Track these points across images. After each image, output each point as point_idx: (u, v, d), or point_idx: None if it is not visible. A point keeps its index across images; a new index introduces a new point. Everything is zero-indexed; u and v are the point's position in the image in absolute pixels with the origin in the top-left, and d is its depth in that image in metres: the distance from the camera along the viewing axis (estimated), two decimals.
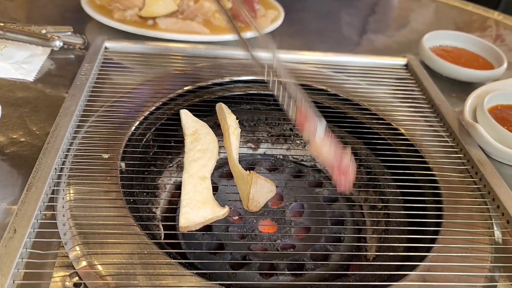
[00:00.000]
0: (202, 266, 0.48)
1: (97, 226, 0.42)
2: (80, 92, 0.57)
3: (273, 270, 0.50)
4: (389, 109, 0.63)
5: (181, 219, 0.43)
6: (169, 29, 0.75)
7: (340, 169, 0.43)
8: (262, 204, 0.46)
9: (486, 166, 0.54)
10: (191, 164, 0.49)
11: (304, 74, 0.68)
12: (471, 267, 0.43)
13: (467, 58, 0.78)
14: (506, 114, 0.64)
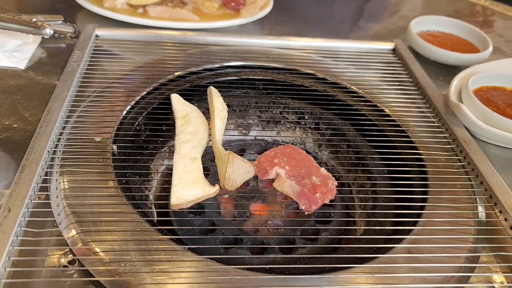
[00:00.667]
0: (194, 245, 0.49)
1: (90, 206, 0.43)
2: (71, 78, 0.58)
3: (264, 249, 0.51)
4: (376, 91, 0.64)
5: (172, 197, 0.44)
6: (159, 16, 0.75)
7: (308, 197, 0.46)
8: (239, 184, 0.46)
9: (470, 145, 0.55)
10: (181, 146, 0.49)
11: (293, 59, 0.69)
12: (455, 240, 0.45)
13: (453, 43, 0.79)
14: (491, 96, 0.65)
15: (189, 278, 0.38)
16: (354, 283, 0.39)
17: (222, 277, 0.38)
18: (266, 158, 0.49)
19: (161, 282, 0.37)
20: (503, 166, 0.58)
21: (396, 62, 0.72)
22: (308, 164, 0.50)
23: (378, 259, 0.42)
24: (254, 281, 0.38)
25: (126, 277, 0.37)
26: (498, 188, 0.49)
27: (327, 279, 0.39)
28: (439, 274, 0.41)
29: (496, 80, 0.66)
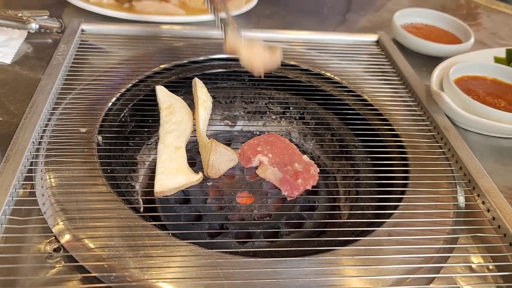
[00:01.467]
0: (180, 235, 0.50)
1: (75, 195, 0.44)
2: (56, 71, 0.58)
3: (250, 238, 0.51)
4: (360, 82, 0.65)
5: (156, 185, 0.45)
6: (145, 11, 0.76)
7: (290, 183, 0.47)
8: (222, 172, 0.47)
9: (450, 132, 0.56)
10: (166, 135, 0.50)
11: None
12: (434, 223, 0.46)
13: (436, 34, 0.81)
14: (471, 85, 0.66)
15: (173, 262, 0.39)
16: (335, 264, 0.40)
17: (205, 260, 0.39)
18: (249, 146, 0.50)
19: (144, 266, 0.38)
20: (483, 152, 0.59)
21: (379, 53, 0.73)
22: (290, 151, 0.51)
23: (359, 241, 0.43)
24: (236, 263, 0.39)
25: (110, 262, 0.38)
26: (477, 172, 0.50)
27: (308, 261, 0.40)
28: (419, 255, 0.42)
29: (477, 70, 0.68)
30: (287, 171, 0.48)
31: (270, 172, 0.48)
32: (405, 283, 0.40)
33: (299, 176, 0.47)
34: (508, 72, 0.68)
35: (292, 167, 0.48)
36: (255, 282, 0.38)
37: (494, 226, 0.46)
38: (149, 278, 0.37)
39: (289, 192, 0.48)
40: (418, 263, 0.42)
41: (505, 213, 0.45)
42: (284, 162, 0.49)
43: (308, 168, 0.48)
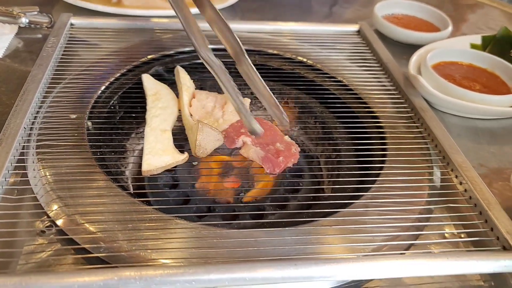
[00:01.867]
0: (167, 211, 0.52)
1: (66, 175, 0.46)
2: (46, 62, 0.60)
3: (236, 218, 0.53)
4: (341, 69, 0.68)
5: (143, 164, 0.47)
6: (134, 5, 0.78)
7: (272, 161, 0.49)
8: (209, 151, 0.49)
9: (427, 112, 0.59)
10: (152, 119, 0.52)
11: (261, 42, 0.72)
12: (410, 195, 0.48)
13: (416, 24, 0.83)
14: (449, 70, 0.69)
15: (159, 234, 0.41)
16: (314, 234, 0.42)
17: (190, 232, 0.41)
18: (233, 128, 0.52)
19: (132, 238, 0.40)
20: (459, 133, 0.62)
21: (360, 42, 0.76)
22: (273, 132, 0.53)
23: (338, 213, 0.45)
24: (220, 234, 0.41)
25: (100, 235, 0.40)
26: (450, 149, 0.53)
27: (288, 231, 0.42)
28: (396, 224, 0.44)
29: (453, 55, 0.70)
30: (269, 150, 0.50)
31: (253, 151, 0.51)
32: (382, 250, 0.42)
33: (280, 154, 0.49)
34: (483, 57, 0.70)
35: (274, 146, 0.50)
36: (238, 250, 0.40)
37: (466, 197, 0.48)
38: (137, 248, 0.39)
39: (271, 169, 0.50)
40: (395, 233, 0.44)
41: (476, 185, 0.48)
42: (267, 142, 0.51)
43: (289, 147, 0.51)
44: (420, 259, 0.39)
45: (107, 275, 0.35)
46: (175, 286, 0.36)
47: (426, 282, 0.42)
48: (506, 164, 0.57)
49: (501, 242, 0.42)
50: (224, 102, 0.55)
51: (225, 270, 0.36)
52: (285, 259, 0.38)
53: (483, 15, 1.03)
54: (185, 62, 0.69)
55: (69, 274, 0.35)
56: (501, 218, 0.44)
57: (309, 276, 0.37)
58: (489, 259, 0.40)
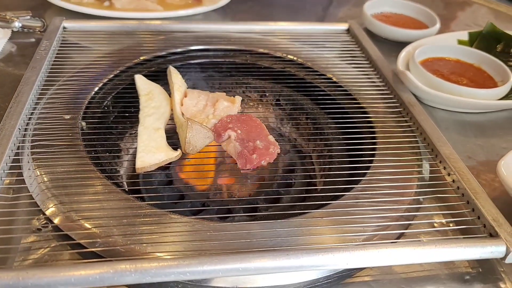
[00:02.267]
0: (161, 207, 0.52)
1: (61, 174, 0.46)
2: (40, 65, 0.61)
3: (230, 214, 0.54)
4: (331, 66, 0.69)
5: (137, 161, 0.48)
6: (125, 8, 0.79)
7: (246, 157, 0.50)
8: (199, 148, 0.50)
9: (415, 107, 0.60)
10: (145, 119, 0.53)
11: (252, 41, 0.73)
12: (401, 187, 0.49)
13: (404, 22, 0.85)
14: (437, 66, 0.70)
15: (154, 229, 0.41)
16: (306, 226, 0.43)
17: (184, 226, 0.42)
18: (221, 123, 0.53)
19: (127, 233, 0.41)
20: (447, 127, 0.63)
21: (350, 40, 0.77)
22: (258, 130, 0.53)
23: (329, 205, 0.46)
24: (213, 227, 0.42)
25: (96, 230, 0.41)
26: (438, 141, 0.54)
27: (280, 223, 0.43)
28: (385, 214, 0.45)
29: (440, 51, 0.72)
30: (247, 147, 0.51)
31: (232, 146, 0.51)
32: (373, 240, 0.43)
33: (256, 152, 0.50)
34: (470, 52, 0.72)
35: (253, 144, 0.51)
36: (231, 242, 0.41)
37: (453, 187, 0.49)
38: (132, 243, 0.40)
39: (242, 165, 0.51)
40: (386, 223, 0.45)
41: (463, 175, 0.49)
42: (249, 138, 0.52)
43: (268, 147, 0.51)
44: (409, 247, 0.40)
45: (103, 268, 0.36)
46: (169, 278, 0.36)
47: (415, 270, 0.43)
48: (493, 156, 0.58)
49: (487, 230, 0.43)
50: (215, 100, 0.55)
51: (218, 262, 0.37)
52: (277, 250, 0.39)
53: (471, 13, 1.05)
54: (178, 63, 0.70)
55: (65, 268, 0.35)
56: (487, 206, 0.45)
57: (301, 265, 0.38)
58: (476, 246, 0.41)
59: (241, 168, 0.51)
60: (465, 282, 0.42)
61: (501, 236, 0.42)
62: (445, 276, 0.42)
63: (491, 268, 0.43)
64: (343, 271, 0.42)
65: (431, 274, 0.42)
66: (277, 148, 0.52)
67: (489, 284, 0.42)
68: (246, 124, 0.53)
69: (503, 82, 0.66)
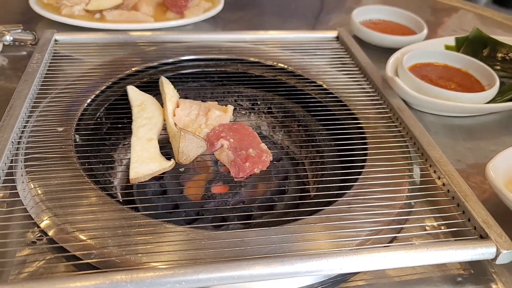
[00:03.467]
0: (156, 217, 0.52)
1: (54, 186, 0.46)
2: (32, 78, 0.61)
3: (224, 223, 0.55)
4: (321, 74, 0.70)
5: (131, 172, 0.48)
6: (116, 20, 0.79)
7: (238, 165, 0.50)
8: (192, 158, 0.50)
9: (404, 112, 0.61)
10: (138, 129, 0.53)
11: (243, 51, 0.74)
12: (392, 191, 0.49)
13: (392, 28, 0.86)
14: (425, 71, 0.71)
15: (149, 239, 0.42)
16: (299, 232, 0.44)
17: (179, 236, 0.42)
18: (214, 132, 0.54)
19: (122, 243, 0.41)
20: (437, 131, 0.64)
21: (339, 48, 0.78)
22: (251, 138, 0.54)
23: (321, 211, 0.47)
24: (208, 236, 0.42)
25: (91, 241, 0.41)
26: (428, 146, 0.55)
27: (274, 230, 0.43)
28: (377, 219, 0.46)
29: (428, 56, 0.73)
30: (240, 155, 0.51)
31: (225, 154, 0.52)
32: (365, 245, 0.44)
33: (249, 160, 0.51)
34: (457, 57, 0.73)
35: (246, 152, 0.52)
36: (226, 250, 0.41)
37: (444, 190, 0.50)
38: (127, 253, 0.40)
39: (235, 173, 0.51)
40: (378, 227, 0.45)
41: (453, 178, 0.50)
42: (241, 147, 0.52)
43: (260, 155, 0.52)
44: (402, 251, 0.41)
45: (99, 280, 0.36)
46: (165, 287, 0.37)
47: (408, 274, 0.43)
48: (482, 159, 0.59)
49: (478, 231, 0.44)
50: (207, 109, 0.56)
51: (213, 270, 0.37)
52: (272, 256, 0.39)
53: (458, 18, 1.07)
54: (169, 73, 0.70)
55: (60, 280, 0.36)
56: (477, 208, 0.46)
57: (295, 271, 0.39)
58: (467, 247, 0.42)
59: (234, 176, 0.52)
60: (457, 283, 0.43)
61: (491, 237, 0.42)
62: (438, 278, 0.43)
63: (482, 270, 0.44)
64: (337, 276, 0.42)
65: (424, 277, 0.43)
66: (269, 155, 0.53)
67: (480, 285, 0.43)
68: (239, 133, 0.54)
69: (490, 85, 0.67)
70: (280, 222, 0.45)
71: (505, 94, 0.67)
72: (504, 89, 0.68)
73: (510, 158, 0.51)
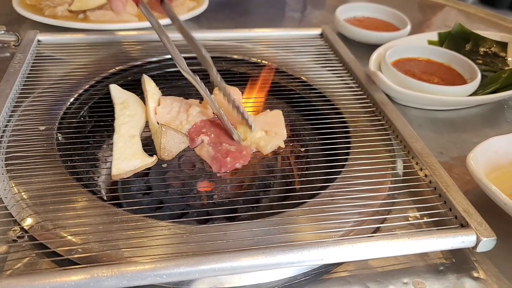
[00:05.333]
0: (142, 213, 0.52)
1: (36, 184, 0.46)
2: (14, 77, 0.61)
3: (210, 220, 0.54)
4: (305, 70, 0.70)
5: (113, 169, 0.48)
6: (100, 20, 0.79)
7: (220, 160, 0.50)
8: (174, 153, 0.50)
9: (387, 106, 0.61)
10: (121, 127, 0.53)
11: (226, 48, 0.74)
12: (375, 183, 0.50)
13: (377, 25, 0.87)
14: (408, 66, 0.72)
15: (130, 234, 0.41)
16: (282, 224, 0.44)
17: (161, 230, 0.42)
18: (195, 128, 0.54)
19: (103, 239, 0.41)
20: (420, 124, 0.64)
21: (323, 45, 0.79)
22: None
23: (305, 203, 0.47)
24: (190, 230, 0.42)
25: (72, 238, 0.41)
26: (410, 138, 0.55)
27: (256, 223, 0.44)
28: (360, 210, 0.46)
29: (411, 52, 0.74)
30: (220, 150, 0.51)
31: (205, 150, 0.52)
32: (349, 236, 0.44)
33: (229, 154, 0.51)
34: (440, 52, 0.74)
35: (226, 147, 0.52)
36: (208, 244, 0.41)
37: (426, 181, 0.50)
38: (108, 249, 0.40)
39: (217, 168, 0.51)
40: (358, 220, 0.46)
41: (435, 169, 0.50)
42: (221, 142, 0.52)
43: (240, 149, 0.52)
44: (383, 241, 0.41)
45: (79, 275, 0.36)
46: (146, 281, 0.36)
47: (391, 264, 0.43)
48: (465, 151, 0.59)
49: (459, 220, 0.44)
50: (188, 106, 0.56)
51: (194, 263, 0.37)
52: (253, 249, 0.39)
53: (442, 15, 1.08)
54: (154, 72, 0.70)
55: (40, 276, 0.35)
56: (458, 198, 0.46)
57: (277, 263, 0.39)
58: (448, 236, 0.42)
59: (216, 171, 0.51)
60: (440, 272, 0.43)
61: (472, 226, 0.43)
62: (420, 268, 0.43)
63: (464, 258, 0.44)
64: (320, 267, 0.42)
65: (406, 267, 0.43)
66: (250, 150, 0.53)
67: (462, 273, 0.43)
68: (219, 128, 0.54)
69: (471, 79, 0.68)
70: (262, 215, 0.45)
71: (487, 87, 0.68)
72: (486, 82, 0.69)
73: (490, 149, 0.52)
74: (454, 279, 0.42)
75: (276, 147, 0.56)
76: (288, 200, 0.55)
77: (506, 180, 0.51)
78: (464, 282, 0.42)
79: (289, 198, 0.55)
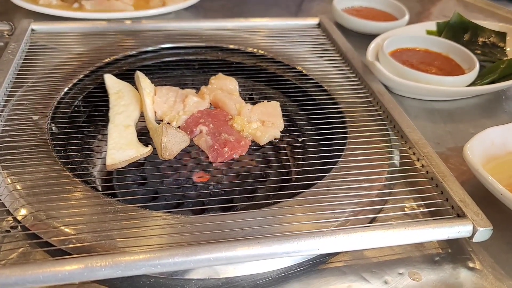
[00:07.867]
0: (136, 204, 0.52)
1: (29, 174, 0.46)
2: (7, 67, 0.60)
3: (205, 211, 0.54)
4: (302, 60, 0.70)
5: (107, 159, 0.47)
6: (95, 9, 0.78)
7: (217, 150, 0.50)
8: (175, 152, 0.50)
9: (384, 96, 0.61)
10: (115, 117, 0.53)
11: (222, 38, 0.74)
12: (372, 173, 0.49)
13: (374, 15, 0.86)
14: (406, 56, 0.72)
15: (124, 224, 0.41)
16: (278, 215, 0.43)
17: (155, 221, 0.42)
18: (193, 119, 0.53)
19: (97, 229, 0.40)
20: (417, 114, 0.64)
21: (321, 34, 0.78)
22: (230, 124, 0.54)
23: (301, 194, 0.46)
24: (184, 220, 0.42)
25: (65, 228, 0.40)
26: (407, 128, 0.55)
27: (251, 214, 0.43)
28: (357, 200, 0.46)
29: (409, 42, 0.73)
30: (218, 140, 0.51)
31: (203, 140, 0.51)
32: (345, 226, 0.44)
33: (227, 145, 0.50)
34: (438, 42, 0.73)
35: (225, 137, 0.51)
36: (203, 234, 0.41)
37: (423, 172, 0.50)
38: (102, 239, 0.40)
39: (214, 158, 0.51)
40: (354, 211, 0.45)
41: (432, 160, 0.50)
42: (220, 132, 0.52)
43: (239, 140, 0.52)
44: (379, 231, 0.41)
45: (73, 265, 0.35)
46: (140, 271, 0.36)
47: (387, 254, 0.43)
48: (461, 141, 0.59)
49: (455, 210, 0.44)
50: (184, 96, 0.55)
51: (189, 253, 0.37)
52: (249, 239, 0.39)
53: (440, 4, 1.07)
54: (149, 61, 0.70)
55: (33, 265, 0.35)
56: (455, 188, 0.46)
57: (272, 253, 0.38)
58: (444, 226, 0.42)
59: (212, 161, 0.51)
60: (435, 263, 0.43)
61: (468, 215, 0.42)
62: (416, 258, 0.43)
63: (460, 249, 0.44)
64: (315, 257, 0.42)
65: (402, 257, 0.43)
66: (248, 141, 0.52)
67: (458, 263, 0.43)
68: (217, 118, 0.54)
69: (470, 69, 0.68)
70: (258, 205, 0.45)
71: (485, 77, 0.68)
72: (484, 72, 0.69)
73: (487, 139, 0.51)
74: (450, 269, 0.42)
75: (272, 137, 0.55)
76: (284, 190, 0.55)
77: (503, 171, 0.50)
78: (460, 272, 0.42)
79: (285, 188, 0.55)
